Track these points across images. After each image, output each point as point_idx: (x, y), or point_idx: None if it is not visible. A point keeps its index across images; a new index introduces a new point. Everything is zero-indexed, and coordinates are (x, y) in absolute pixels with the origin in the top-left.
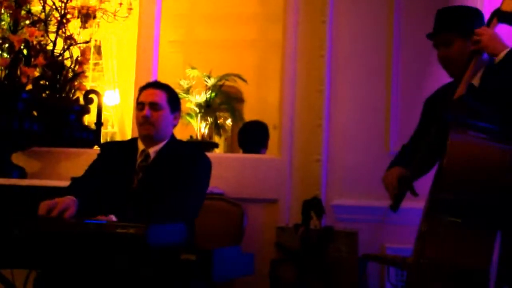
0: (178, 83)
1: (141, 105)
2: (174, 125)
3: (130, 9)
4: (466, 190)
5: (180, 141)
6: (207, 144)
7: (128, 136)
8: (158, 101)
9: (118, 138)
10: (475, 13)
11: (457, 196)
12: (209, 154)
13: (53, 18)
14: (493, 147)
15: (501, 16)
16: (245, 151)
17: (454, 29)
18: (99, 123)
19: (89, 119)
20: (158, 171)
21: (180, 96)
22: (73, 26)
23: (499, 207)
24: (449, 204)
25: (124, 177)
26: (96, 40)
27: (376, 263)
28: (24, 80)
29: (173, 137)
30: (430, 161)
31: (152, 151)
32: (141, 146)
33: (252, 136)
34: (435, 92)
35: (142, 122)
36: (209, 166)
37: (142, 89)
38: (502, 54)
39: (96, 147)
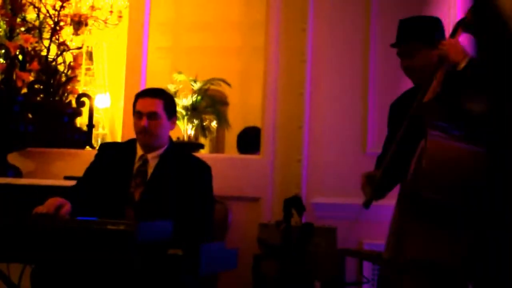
0: (165, 87)
1: (139, 114)
2: (171, 129)
3: (120, 17)
4: (443, 191)
5: (178, 146)
6: (193, 145)
7: (118, 137)
8: (156, 110)
9: (108, 139)
10: (436, 22)
11: (435, 196)
12: (195, 155)
13: (47, 26)
14: (467, 150)
15: (465, 26)
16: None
17: (418, 39)
18: (90, 125)
19: (81, 121)
20: (160, 178)
21: None
22: (66, 33)
23: (473, 207)
24: (427, 204)
25: (121, 180)
26: (88, 46)
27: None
28: (19, 84)
29: (171, 142)
30: (402, 163)
31: (151, 157)
32: (139, 150)
33: (245, 140)
34: (399, 97)
35: (141, 131)
36: (211, 173)
37: (139, 96)
38: (463, 63)
39: (88, 147)
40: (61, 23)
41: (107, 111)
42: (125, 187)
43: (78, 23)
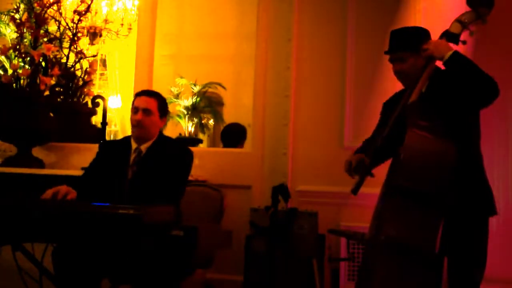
0: (169, 90)
1: (135, 109)
2: (161, 126)
3: (130, 29)
4: (420, 179)
5: (167, 138)
6: (193, 140)
7: (128, 133)
8: (150, 107)
9: (119, 135)
10: (423, 32)
11: (412, 184)
12: (194, 149)
13: (66, 36)
14: (440, 143)
15: (449, 36)
16: (225, 147)
17: (407, 47)
18: (104, 122)
19: (96, 120)
20: (150, 164)
21: (170, 100)
22: (83, 43)
23: (445, 193)
24: (405, 190)
25: (120, 170)
26: (102, 54)
27: (333, 239)
28: (42, 87)
29: (160, 135)
30: (386, 152)
31: (144, 147)
32: (134, 144)
33: (230, 136)
34: (391, 97)
35: (135, 124)
36: (191, 156)
37: (137, 95)
38: (447, 55)
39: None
40: (79, 34)
41: (119, 111)
42: (123, 176)
43: (94, 34)
